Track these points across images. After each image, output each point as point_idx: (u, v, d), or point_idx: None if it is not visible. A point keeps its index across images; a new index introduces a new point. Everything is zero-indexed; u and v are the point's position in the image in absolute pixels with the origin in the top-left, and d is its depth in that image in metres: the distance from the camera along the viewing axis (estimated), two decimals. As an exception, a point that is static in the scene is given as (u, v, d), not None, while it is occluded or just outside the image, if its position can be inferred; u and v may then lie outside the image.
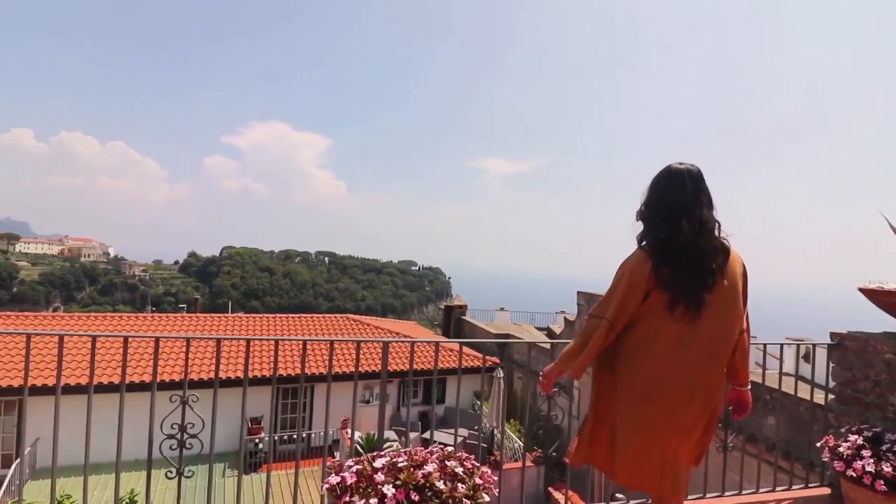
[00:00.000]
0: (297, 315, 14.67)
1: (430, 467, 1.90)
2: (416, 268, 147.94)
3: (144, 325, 13.42)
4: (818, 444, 2.55)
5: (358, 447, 9.49)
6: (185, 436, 2.30)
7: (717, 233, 1.86)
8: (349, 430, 10.86)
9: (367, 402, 11.95)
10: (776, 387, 3.70)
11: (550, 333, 16.37)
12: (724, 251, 1.86)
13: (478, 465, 2.03)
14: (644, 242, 1.90)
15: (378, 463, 1.90)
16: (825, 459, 2.50)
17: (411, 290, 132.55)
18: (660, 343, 1.82)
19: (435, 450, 2.05)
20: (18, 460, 8.57)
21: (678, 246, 1.80)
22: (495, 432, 10.91)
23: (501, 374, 10.23)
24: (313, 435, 11.25)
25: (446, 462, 1.95)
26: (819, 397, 3.26)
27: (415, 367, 12.25)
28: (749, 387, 2.04)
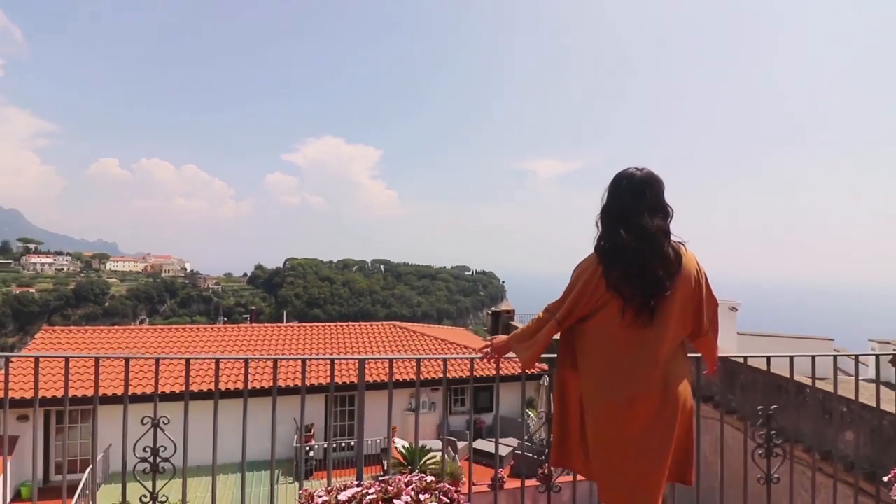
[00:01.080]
0: (346, 324, 14.92)
1: (401, 501, 1.71)
2: (470, 272, 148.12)
3: (210, 336, 14.09)
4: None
5: (401, 457, 9.43)
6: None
7: (662, 240, 1.83)
8: (396, 440, 10.82)
9: (414, 410, 11.85)
10: (852, 397, 3.15)
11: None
12: (677, 258, 1.84)
13: (458, 497, 1.84)
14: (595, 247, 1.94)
15: (344, 496, 1.74)
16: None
17: (465, 294, 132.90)
18: (608, 348, 1.85)
19: (414, 479, 1.86)
20: (91, 466, 9.18)
21: (618, 252, 1.82)
22: (545, 444, 10.47)
23: (547, 382, 9.81)
24: (369, 442, 11.27)
25: (420, 496, 1.75)
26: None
27: (460, 373, 12.06)
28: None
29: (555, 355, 2.12)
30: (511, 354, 2.19)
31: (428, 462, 8.30)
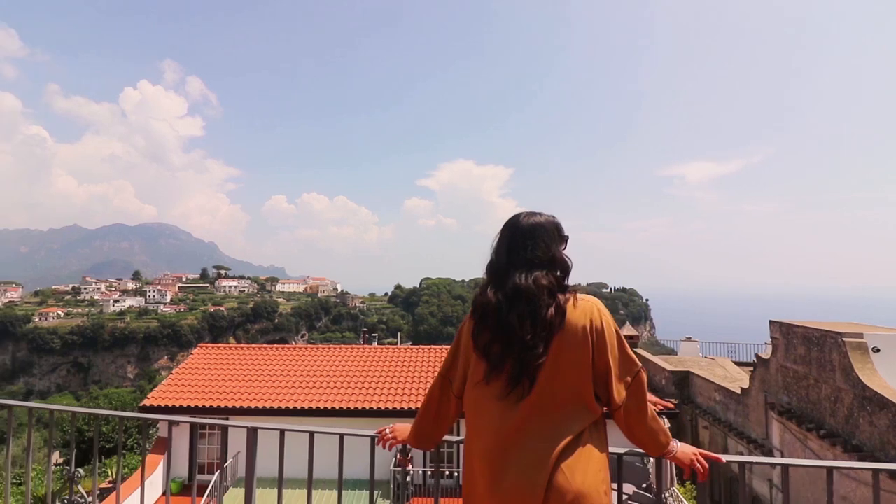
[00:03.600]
0: (441, 347, 14.83)
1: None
2: (608, 290, 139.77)
3: (362, 355, 15.14)
4: None
5: None
6: None
7: (540, 298, 1.54)
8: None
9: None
10: None
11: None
12: (559, 314, 1.54)
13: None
14: None
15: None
16: None
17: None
18: (482, 426, 1.56)
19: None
20: (219, 471, 10.24)
21: (485, 312, 1.61)
22: (664, 494, 8.97)
23: (667, 424, 8.40)
24: (457, 473, 10.91)
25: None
26: None
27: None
28: (672, 450, 1.67)
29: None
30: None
31: None
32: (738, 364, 14.64)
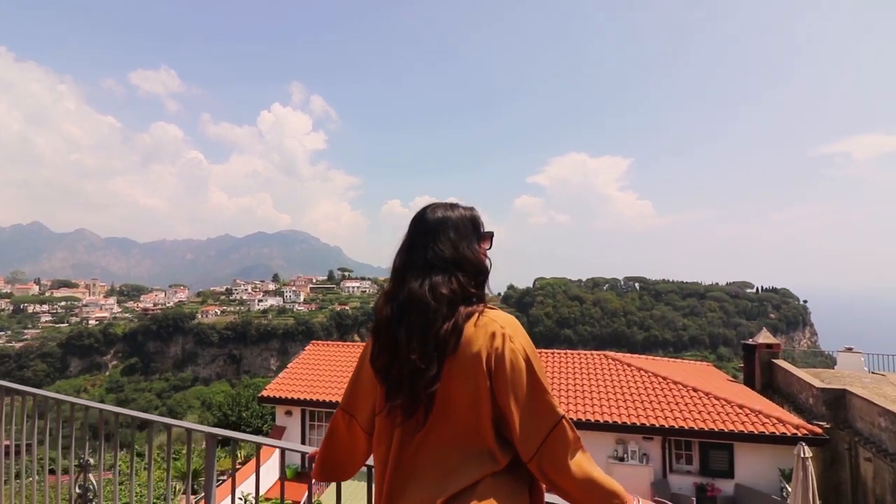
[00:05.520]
0: (551, 351, 13.89)
1: None
2: (753, 290, 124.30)
3: None
4: None
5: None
6: None
7: (434, 308, 1.20)
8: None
9: (622, 459, 10.01)
10: None
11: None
12: (455, 332, 1.17)
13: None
14: None
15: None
16: None
17: (749, 317, 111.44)
18: (376, 451, 1.30)
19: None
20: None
21: (378, 326, 1.30)
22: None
23: (807, 453, 6.91)
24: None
25: None
26: None
27: (685, 423, 9.77)
28: None
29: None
30: None
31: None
32: (918, 382, 11.78)
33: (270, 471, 11.72)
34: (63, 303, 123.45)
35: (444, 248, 1.28)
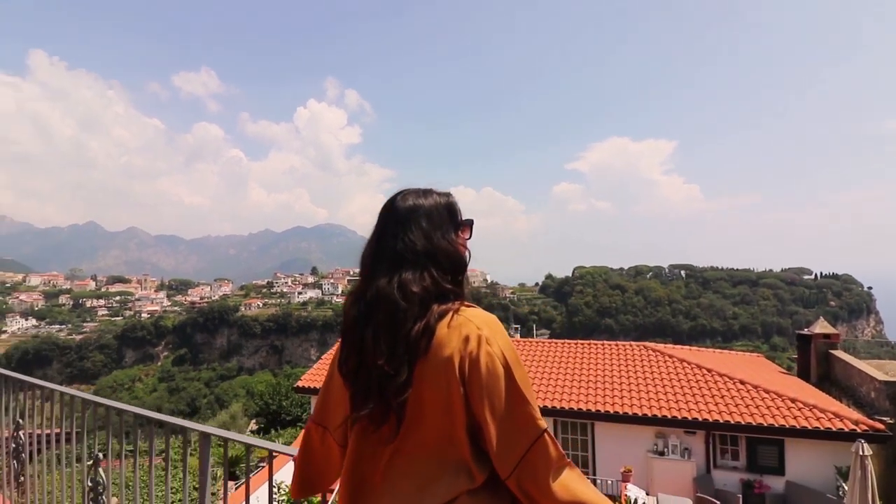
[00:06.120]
0: (588, 342, 13.45)
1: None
2: (811, 277, 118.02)
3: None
4: None
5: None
6: None
7: (403, 307, 1.06)
8: (628, 486, 8.98)
9: (662, 453, 9.58)
10: None
11: None
12: (426, 334, 1.05)
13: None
14: None
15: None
16: None
17: (806, 305, 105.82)
18: (346, 463, 1.14)
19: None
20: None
21: (345, 327, 1.16)
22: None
23: (866, 451, 6.37)
24: (598, 481, 9.79)
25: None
26: None
27: (731, 417, 9.28)
28: None
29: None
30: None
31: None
32: None
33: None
34: (117, 297, 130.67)
35: (415, 239, 1.14)
